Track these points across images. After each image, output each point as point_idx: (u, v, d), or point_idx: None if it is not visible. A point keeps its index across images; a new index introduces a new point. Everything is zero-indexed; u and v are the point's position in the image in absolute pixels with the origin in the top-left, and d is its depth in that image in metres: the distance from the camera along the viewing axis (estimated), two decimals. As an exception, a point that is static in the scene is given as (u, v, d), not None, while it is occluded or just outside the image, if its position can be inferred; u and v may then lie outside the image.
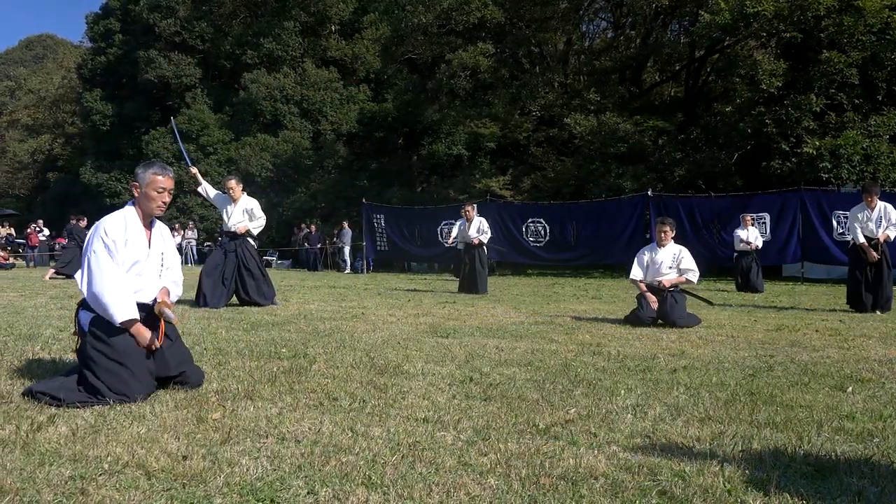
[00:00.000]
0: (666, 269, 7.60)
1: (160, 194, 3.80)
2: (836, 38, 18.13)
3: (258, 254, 9.42)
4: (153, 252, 3.86)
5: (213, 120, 33.86)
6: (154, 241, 3.89)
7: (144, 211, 3.84)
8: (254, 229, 9.18)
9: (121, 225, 3.73)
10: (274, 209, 30.32)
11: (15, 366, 4.39)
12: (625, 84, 25.65)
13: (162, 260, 3.93)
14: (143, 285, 3.78)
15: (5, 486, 2.32)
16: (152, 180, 3.78)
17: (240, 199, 9.15)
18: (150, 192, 3.79)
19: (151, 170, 3.82)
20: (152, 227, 3.91)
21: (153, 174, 3.80)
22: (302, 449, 2.79)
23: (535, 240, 19.37)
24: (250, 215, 9.13)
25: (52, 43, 64.95)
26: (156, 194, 3.79)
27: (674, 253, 7.71)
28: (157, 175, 3.80)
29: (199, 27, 35.29)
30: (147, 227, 3.88)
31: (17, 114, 53.20)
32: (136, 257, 3.74)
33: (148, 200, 3.81)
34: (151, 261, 3.85)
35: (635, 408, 3.55)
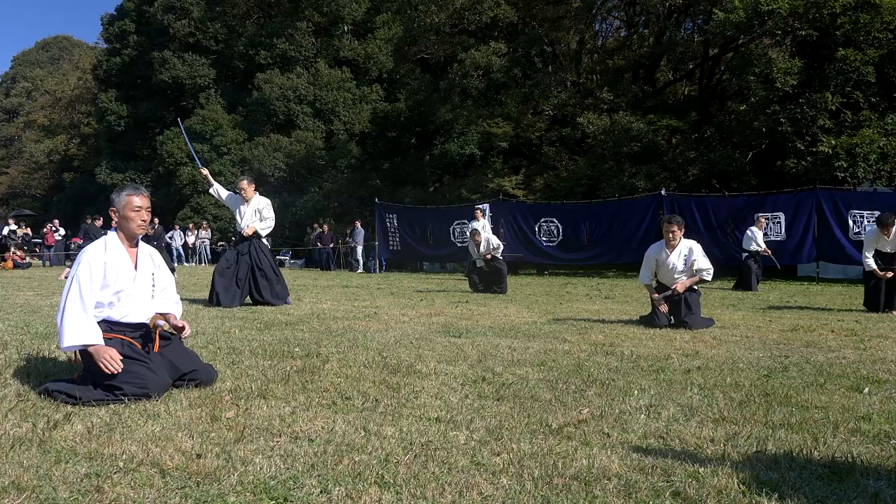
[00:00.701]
0: (678, 273, 7.33)
1: (138, 213, 3.87)
2: (852, 36, 17.96)
3: (271, 254, 9.43)
4: (140, 273, 3.90)
5: (226, 120, 34.03)
6: (141, 261, 3.93)
7: (126, 233, 3.90)
8: (262, 230, 9.14)
9: (100, 250, 3.78)
10: (287, 209, 30.46)
11: (31, 364, 4.43)
12: (638, 83, 25.53)
13: (153, 280, 3.97)
14: (132, 307, 3.81)
15: (22, 483, 2.34)
16: (128, 201, 3.87)
17: (252, 199, 9.16)
18: (128, 213, 3.85)
19: (125, 192, 3.93)
20: (138, 248, 3.97)
21: (127, 195, 3.89)
22: (315, 448, 2.79)
23: (548, 239, 19.33)
24: (260, 216, 9.13)
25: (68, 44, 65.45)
26: (134, 214, 3.86)
27: (684, 254, 7.37)
28: (131, 196, 3.89)
29: (213, 28, 35.48)
30: (132, 248, 3.93)
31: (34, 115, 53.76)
32: (120, 281, 3.77)
33: (128, 221, 3.87)
34: (140, 282, 3.88)
35: (649, 408, 3.53)
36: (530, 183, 25.12)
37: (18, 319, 6.94)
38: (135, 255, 3.92)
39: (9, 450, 2.70)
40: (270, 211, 9.23)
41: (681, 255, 7.37)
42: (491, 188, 24.42)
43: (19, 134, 55.76)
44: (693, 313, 7.16)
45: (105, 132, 39.64)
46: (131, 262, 3.88)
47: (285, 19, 33.97)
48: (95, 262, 3.71)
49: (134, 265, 3.88)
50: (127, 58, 37.98)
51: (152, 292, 3.97)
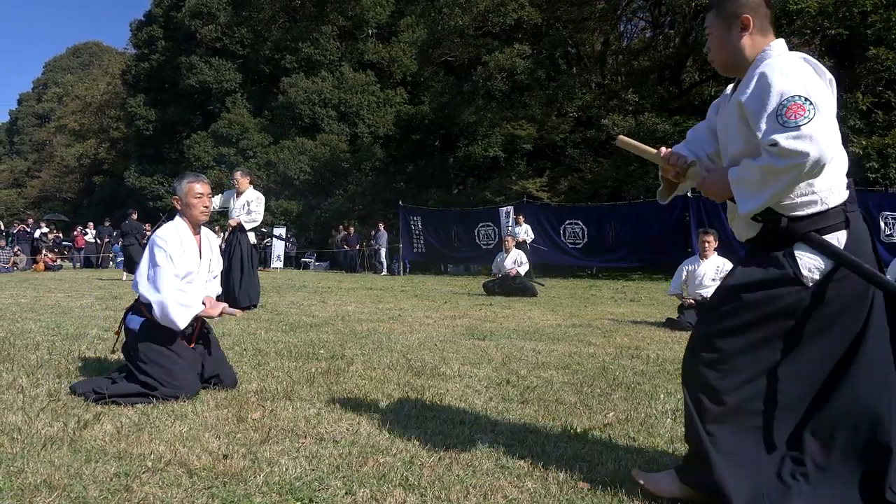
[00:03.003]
0: (709, 281, 7.33)
1: (199, 199, 3.97)
2: (883, 35, 17.66)
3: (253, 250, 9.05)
4: (203, 260, 4.01)
5: (252, 124, 34.36)
6: (203, 249, 4.04)
7: (190, 220, 4.00)
8: (246, 224, 8.92)
9: (175, 235, 3.87)
10: (312, 211, 30.68)
11: (62, 365, 4.51)
12: (664, 84, 25.32)
13: (210, 267, 4.08)
14: (194, 296, 3.88)
15: (53, 482, 2.38)
16: (189, 189, 3.96)
17: (244, 191, 9.04)
18: (191, 200, 3.95)
19: (186, 179, 4.03)
20: (201, 233, 4.07)
21: (188, 183, 3.99)
22: (340, 449, 2.81)
23: (573, 242, 19.24)
24: (247, 208, 8.94)
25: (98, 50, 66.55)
26: (196, 200, 3.96)
27: (717, 265, 7.42)
28: (192, 183, 3.99)
29: (240, 33, 35.85)
30: (196, 234, 4.03)
31: (65, 119, 54.69)
32: (189, 266, 3.87)
33: (190, 208, 3.97)
34: (202, 269, 4.00)
35: (675, 412, 3.50)
36: (554, 185, 25.03)
37: (50, 321, 7.05)
38: (199, 241, 4.02)
39: (40, 449, 2.75)
40: (259, 206, 8.96)
41: (713, 267, 7.42)
42: (515, 190, 24.36)
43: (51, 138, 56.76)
44: None
45: (134, 136, 40.24)
46: (197, 249, 3.97)
47: (310, 23, 34.22)
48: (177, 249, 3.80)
49: (199, 252, 3.98)
50: (155, 63, 38.50)
51: (208, 279, 4.09)
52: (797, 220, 2.22)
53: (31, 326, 6.51)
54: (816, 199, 2.20)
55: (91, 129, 50.27)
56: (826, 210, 2.21)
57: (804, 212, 2.21)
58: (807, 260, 2.21)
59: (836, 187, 2.23)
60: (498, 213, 20.04)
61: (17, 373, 4.20)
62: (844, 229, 2.23)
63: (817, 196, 2.20)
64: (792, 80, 2.10)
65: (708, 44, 2.47)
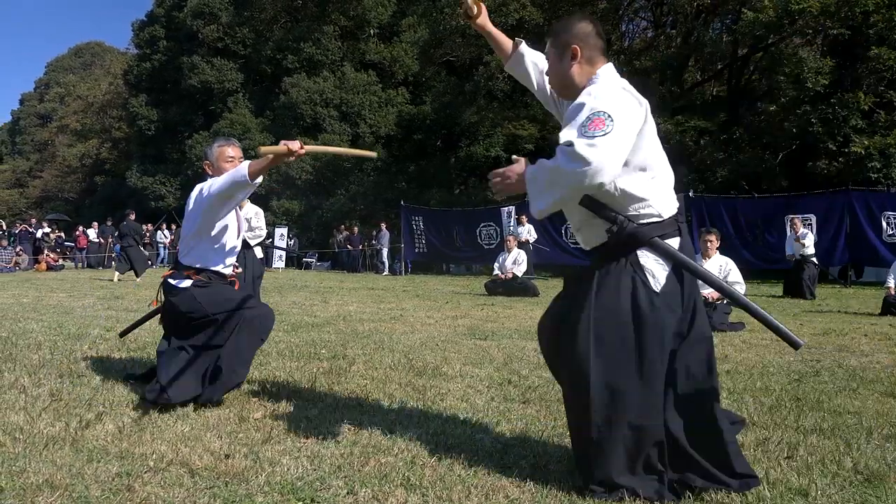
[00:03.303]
0: None
1: (230, 162, 3.89)
2: (885, 34, 17.63)
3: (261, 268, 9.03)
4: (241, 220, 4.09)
5: (254, 124, 34.34)
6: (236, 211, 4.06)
7: None
8: (251, 240, 8.78)
9: None
10: (313, 211, 30.66)
11: (64, 365, 4.51)
12: (665, 84, 25.29)
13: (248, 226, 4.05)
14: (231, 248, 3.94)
15: (55, 482, 2.39)
16: (220, 152, 3.93)
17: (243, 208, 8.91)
18: (222, 164, 3.90)
19: (217, 143, 3.99)
20: None
21: (219, 146, 3.96)
22: (342, 449, 2.81)
23: (575, 241, 19.21)
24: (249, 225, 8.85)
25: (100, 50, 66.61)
26: (227, 164, 3.89)
27: (720, 265, 7.45)
28: (223, 147, 3.95)
29: (241, 33, 35.84)
30: None
31: (67, 119, 54.73)
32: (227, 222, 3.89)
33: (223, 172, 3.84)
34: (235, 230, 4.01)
35: (677, 412, 3.49)
36: (556, 185, 24.98)
37: (52, 320, 7.07)
38: None
39: (42, 448, 2.75)
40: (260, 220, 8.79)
41: (716, 266, 7.44)
42: (516, 190, 24.31)
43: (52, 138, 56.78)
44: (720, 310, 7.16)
45: (136, 136, 40.24)
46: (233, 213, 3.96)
47: (312, 23, 34.19)
48: None
49: (236, 215, 4.00)
50: (157, 63, 38.50)
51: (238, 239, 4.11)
52: (641, 227, 2.45)
53: (33, 326, 6.53)
54: (654, 210, 2.47)
55: (93, 129, 50.28)
56: (662, 220, 2.49)
57: (646, 220, 2.46)
58: (650, 266, 2.44)
59: (668, 200, 2.52)
60: (499, 212, 20.02)
61: (20, 372, 4.21)
62: (678, 237, 2.51)
63: (653, 208, 2.47)
64: (602, 100, 2.32)
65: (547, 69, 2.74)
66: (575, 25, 2.63)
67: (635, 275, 2.44)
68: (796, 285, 12.26)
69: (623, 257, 2.47)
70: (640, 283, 2.43)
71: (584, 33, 2.60)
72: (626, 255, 2.46)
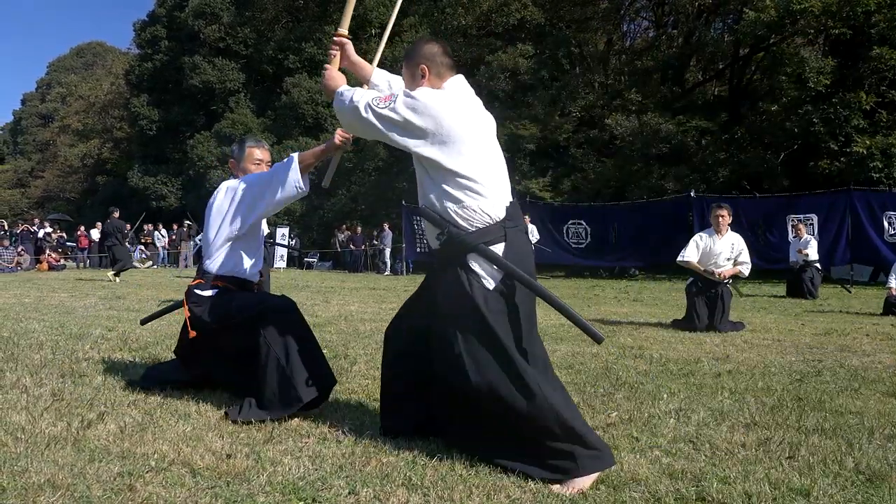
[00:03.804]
0: (724, 260, 7.34)
1: (257, 166, 3.81)
2: (887, 34, 17.63)
3: None
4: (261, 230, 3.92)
5: (255, 124, 34.33)
6: None
7: None
8: None
9: None
10: (315, 211, 30.65)
11: (66, 364, 4.52)
12: (667, 84, 25.30)
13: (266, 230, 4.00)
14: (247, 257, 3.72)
15: (57, 482, 2.39)
16: (249, 153, 3.82)
17: None
18: (248, 166, 3.80)
19: (247, 143, 3.87)
20: None
21: (249, 147, 3.84)
22: (343, 449, 2.81)
23: (577, 242, 19.22)
24: None
25: (102, 50, 66.62)
26: (253, 167, 3.80)
27: (732, 243, 7.37)
28: (252, 148, 3.84)
29: (243, 33, 35.83)
30: None
31: (68, 119, 54.74)
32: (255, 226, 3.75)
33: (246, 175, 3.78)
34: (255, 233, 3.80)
35: (678, 412, 3.50)
36: (557, 185, 25.00)
37: (53, 320, 7.07)
38: None
39: (44, 448, 2.75)
40: None
41: (728, 244, 7.38)
42: (518, 190, 24.29)
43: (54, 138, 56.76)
44: (726, 316, 7.14)
45: (137, 136, 40.25)
46: None
47: (313, 23, 34.19)
48: None
49: None
50: (158, 63, 38.51)
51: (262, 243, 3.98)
52: (468, 234, 2.69)
53: (34, 326, 6.53)
54: (480, 216, 2.70)
55: (94, 129, 50.29)
56: (488, 225, 2.71)
57: (472, 227, 2.70)
58: (480, 269, 2.68)
59: (495, 206, 2.74)
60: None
61: (21, 372, 4.21)
62: (503, 242, 2.71)
63: (479, 214, 2.70)
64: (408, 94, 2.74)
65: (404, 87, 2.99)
66: (423, 47, 2.94)
67: (469, 276, 2.67)
68: (798, 286, 12.23)
69: (456, 261, 2.71)
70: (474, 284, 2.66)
71: (430, 53, 2.90)
72: (459, 258, 2.70)
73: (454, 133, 2.69)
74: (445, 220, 2.72)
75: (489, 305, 2.63)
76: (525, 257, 2.80)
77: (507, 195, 2.84)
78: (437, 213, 2.74)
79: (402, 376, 3.01)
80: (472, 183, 2.71)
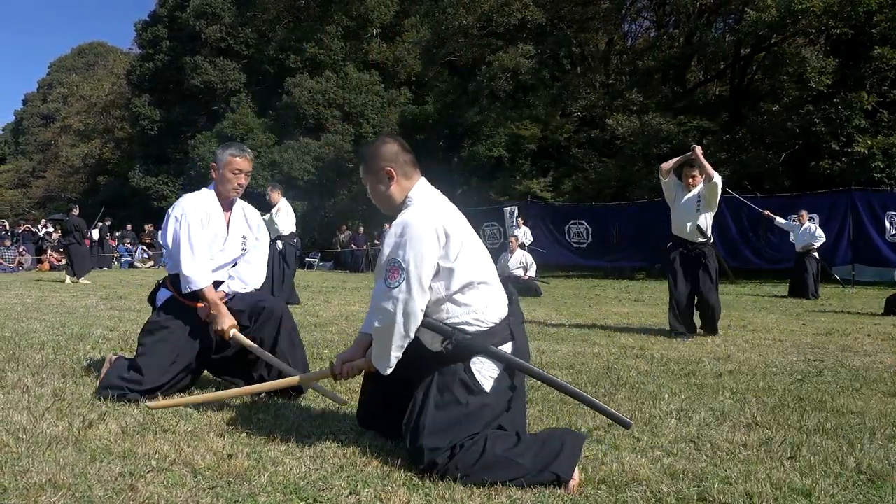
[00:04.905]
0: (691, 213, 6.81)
1: (236, 176, 3.75)
2: (888, 34, 17.61)
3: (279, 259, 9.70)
4: (232, 236, 3.82)
5: (257, 124, 34.33)
6: (234, 224, 3.85)
7: (222, 193, 3.79)
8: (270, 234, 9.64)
9: (200, 205, 3.72)
10: (316, 211, 30.66)
11: (67, 364, 4.52)
12: (668, 84, 25.27)
13: (244, 244, 3.88)
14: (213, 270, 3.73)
15: (58, 482, 2.39)
16: (229, 161, 3.74)
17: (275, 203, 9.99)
18: (227, 174, 3.74)
19: (229, 151, 3.78)
20: (232, 210, 3.86)
21: (230, 155, 3.75)
22: (344, 449, 2.81)
23: (578, 242, 19.21)
24: None
25: (103, 50, 66.55)
26: (232, 175, 3.74)
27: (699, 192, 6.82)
28: (234, 156, 3.75)
29: (244, 33, 35.84)
30: (226, 210, 3.83)
31: (70, 119, 54.74)
32: (209, 239, 3.71)
33: (224, 182, 3.75)
34: (229, 245, 3.81)
35: (679, 412, 3.50)
36: (559, 185, 24.99)
37: (55, 320, 7.08)
38: (227, 217, 3.82)
39: (45, 448, 2.75)
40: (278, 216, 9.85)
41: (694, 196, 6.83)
42: (519, 190, 24.32)
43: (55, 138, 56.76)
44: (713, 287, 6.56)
45: (138, 136, 40.26)
46: (224, 225, 3.79)
47: (315, 23, 34.18)
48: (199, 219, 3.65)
49: (226, 227, 3.80)
50: (160, 63, 38.52)
51: (240, 256, 3.89)
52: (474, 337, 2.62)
53: (36, 326, 6.54)
54: (484, 318, 2.64)
55: (96, 129, 50.30)
56: (494, 326, 2.66)
57: (477, 329, 2.63)
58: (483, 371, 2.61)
59: (497, 306, 2.70)
60: (503, 212, 20.03)
61: (23, 372, 4.21)
62: (510, 341, 2.68)
63: (484, 315, 2.65)
64: (398, 246, 2.57)
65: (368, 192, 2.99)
66: (381, 149, 2.87)
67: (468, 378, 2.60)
68: (800, 285, 12.21)
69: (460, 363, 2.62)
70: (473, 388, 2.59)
71: (392, 154, 2.85)
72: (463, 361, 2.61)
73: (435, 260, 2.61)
74: (455, 329, 2.64)
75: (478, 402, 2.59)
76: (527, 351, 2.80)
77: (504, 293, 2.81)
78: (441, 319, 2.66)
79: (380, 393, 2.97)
80: (477, 287, 2.67)
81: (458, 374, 2.61)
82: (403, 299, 2.53)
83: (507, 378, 2.66)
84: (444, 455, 2.48)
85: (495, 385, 2.63)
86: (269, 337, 3.73)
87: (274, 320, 3.75)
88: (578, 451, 2.54)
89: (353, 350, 2.97)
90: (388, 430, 2.91)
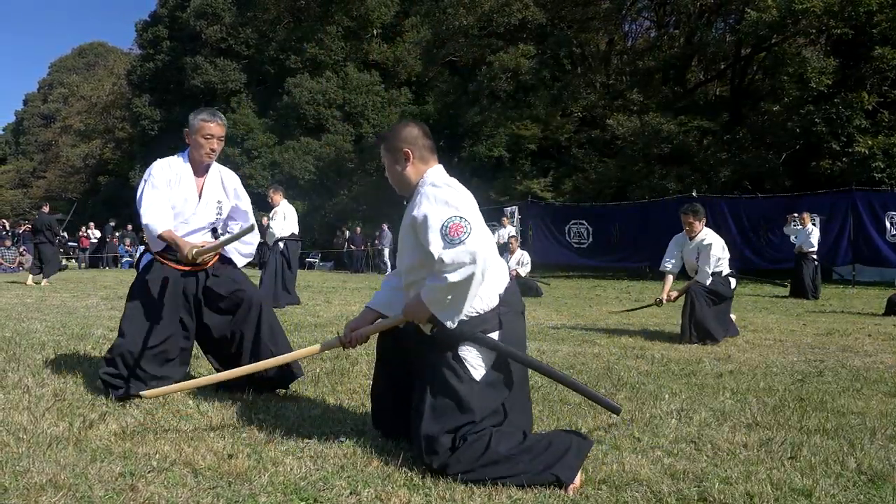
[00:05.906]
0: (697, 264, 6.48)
1: (208, 140, 3.68)
2: (888, 34, 17.61)
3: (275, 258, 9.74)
4: (204, 202, 3.77)
5: (257, 124, 34.37)
6: (207, 190, 3.79)
7: (195, 159, 3.75)
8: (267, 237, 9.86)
9: (170, 168, 3.70)
10: (316, 212, 30.67)
11: (67, 364, 4.52)
12: (668, 84, 25.29)
13: (218, 209, 3.83)
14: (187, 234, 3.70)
15: (59, 482, 2.39)
16: (200, 126, 3.68)
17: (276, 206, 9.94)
18: (199, 139, 3.68)
19: (200, 116, 3.72)
20: (207, 175, 3.81)
21: (202, 120, 3.69)
22: (345, 449, 2.81)
23: (578, 242, 19.21)
24: None
25: (104, 50, 66.55)
26: (203, 141, 3.68)
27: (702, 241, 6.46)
28: (205, 121, 3.69)
29: (244, 33, 35.86)
30: (199, 176, 3.78)
31: (70, 120, 54.75)
32: (179, 203, 3.68)
33: (197, 147, 3.70)
34: (202, 209, 3.77)
35: (680, 412, 3.49)
36: (559, 185, 25.01)
37: (55, 320, 7.08)
38: (200, 184, 3.77)
39: (46, 448, 2.76)
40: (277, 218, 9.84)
41: (696, 248, 6.50)
42: (519, 190, 24.34)
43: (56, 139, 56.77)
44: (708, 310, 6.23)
45: (139, 136, 40.29)
46: (195, 190, 3.74)
47: (315, 24, 34.20)
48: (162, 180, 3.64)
49: (198, 193, 3.75)
50: (160, 63, 38.54)
51: (215, 222, 3.87)
52: (462, 323, 2.62)
53: (36, 326, 6.54)
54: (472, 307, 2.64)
55: (96, 129, 50.30)
56: (483, 313, 2.67)
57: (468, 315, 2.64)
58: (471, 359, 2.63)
59: (489, 294, 2.70)
60: (503, 213, 20.02)
61: (23, 372, 4.21)
62: (498, 330, 2.69)
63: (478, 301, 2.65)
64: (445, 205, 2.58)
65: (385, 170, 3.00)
66: (403, 131, 2.88)
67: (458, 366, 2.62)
68: (800, 286, 12.20)
69: (448, 350, 2.64)
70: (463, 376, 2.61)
71: (412, 137, 2.85)
72: (453, 347, 2.64)
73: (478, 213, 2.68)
74: None
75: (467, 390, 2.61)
76: (520, 342, 2.81)
77: (505, 277, 2.82)
78: None
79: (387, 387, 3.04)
80: None
81: (448, 361, 2.63)
82: (478, 245, 2.51)
83: (502, 371, 2.68)
84: (445, 445, 2.50)
85: (487, 375, 2.64)
86: (250, 331, 3.76)
87: (253, 313, 3.77)
88: (583, 456, 2.55)
89: (360, 319, 3.01)
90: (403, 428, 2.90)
